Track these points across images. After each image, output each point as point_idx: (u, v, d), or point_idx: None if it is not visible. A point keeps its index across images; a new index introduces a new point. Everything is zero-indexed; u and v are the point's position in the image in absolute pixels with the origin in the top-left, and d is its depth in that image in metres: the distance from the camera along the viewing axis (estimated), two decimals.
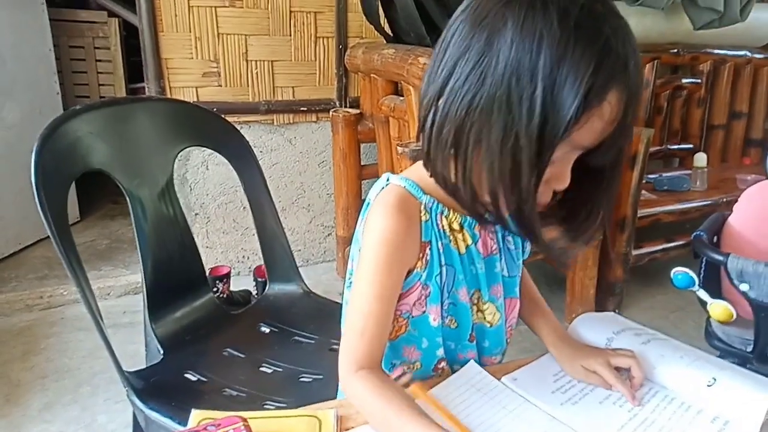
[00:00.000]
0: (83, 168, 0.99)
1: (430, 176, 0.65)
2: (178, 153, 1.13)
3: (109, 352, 0.93)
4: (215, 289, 1.95)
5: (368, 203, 0.71)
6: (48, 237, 2.39)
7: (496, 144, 0.56)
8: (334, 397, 0.76)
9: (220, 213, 2.37)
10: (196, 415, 0.65)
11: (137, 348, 1.67)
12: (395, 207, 0.65)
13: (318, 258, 2.58)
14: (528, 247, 0.78)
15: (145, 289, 1.04)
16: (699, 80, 2.71)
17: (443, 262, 0.69)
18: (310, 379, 1.00)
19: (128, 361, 0.96)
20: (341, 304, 0.81)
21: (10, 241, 2.44)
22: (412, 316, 0.71)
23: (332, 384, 0.93)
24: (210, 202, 2.34)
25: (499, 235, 0.74)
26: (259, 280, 2.05)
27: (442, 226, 0.69)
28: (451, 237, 0.69)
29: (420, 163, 0.67)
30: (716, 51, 2.71)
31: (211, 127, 1.20)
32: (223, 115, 2.16)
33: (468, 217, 0.70)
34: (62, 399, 1.70)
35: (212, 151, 2.23)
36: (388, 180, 0.70)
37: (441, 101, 0.59)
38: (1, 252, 2.42)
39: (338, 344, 1.06)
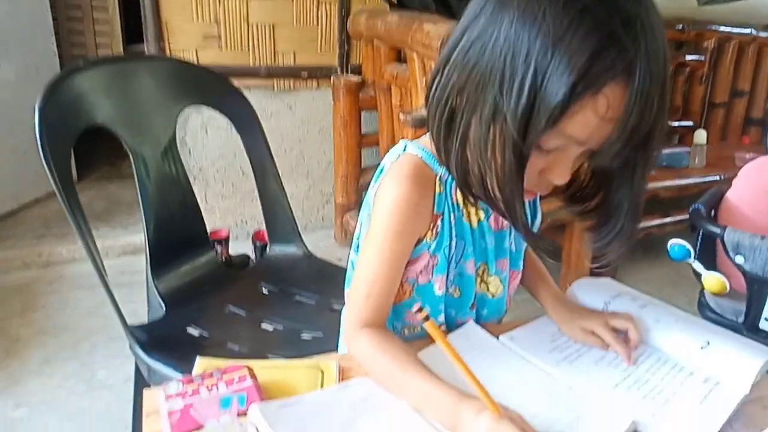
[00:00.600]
0: (87, 123, 0.99)
1: (432, 144, 0.65)
2: (180, 111, 1.12)
3: (113, 306, 0.94)
4: (215, 252, 1.96)
5: (382, 169, 0.71)
6: (45, 197, 2.40)
7: (485, 119, 0.55)
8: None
9: (219, 177, 2.36)
10: (201, 363, 0.67)
11: (136, 307, 1.68)
12: (410, 176, 0.65)
13: (316, 225, 2.58)
14: (537, 222, 0.79)
15: (147, 246, 1.04)
16: (703, 57, 2.69)
17: (454, 235, 0.70)
18: (310, 337, 1.02)
19: (128, 319, 0.97)
20: (344, 268, 0.82)
21: (6, 199, 2.44)
22: (418, 283, 0.72)
23: (332, 342, 0.95)
24: (209, 166, 2.33)
25: None
26: (258, 244, 2.05)
27: (456, 199, 0.69)
28: (464, 210, 0.70)
29: None
30: (721, 28, 2.68)
31: (214, 87, 1.20)
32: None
33: None
34: (61, 354, 1.72)
35: (211, 115, 2.25)
36: (405, 148, 0.69)
37: (446, 67, 0.59)
38: None
39: (339, 305, 1.10)
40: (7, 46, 2.37)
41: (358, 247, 0.77)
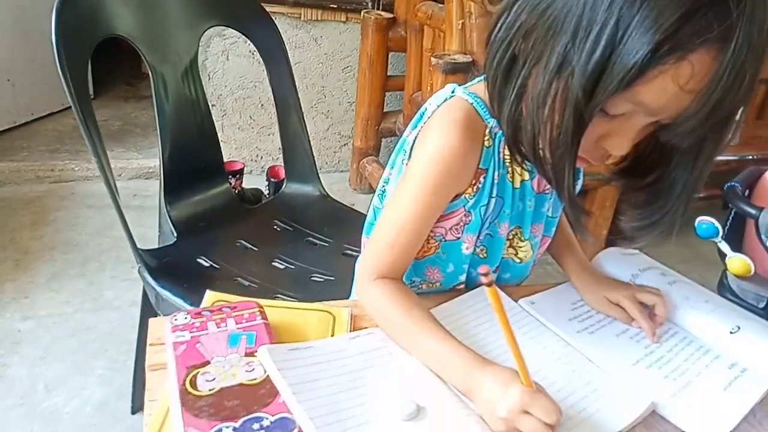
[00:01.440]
0: (106, 32, 0.94)
1: (486, 90, 0.59)
2: (205, 31, 1.06)
3: (123, 227, 0.92)
4: (229, 184, 1.93)
5: (423, 113, 0.66)
6: (60, 111, 2.36)
7: (550, 71, 0.49)
8: (345, 299, 0.75)
9: (237, 108, 2.31)
10: (210, 296, 0.65)
11: (145, 231, 1.68)
12: (460, 125, 0.60)
13: (331, 167, 2.54)
14: (578, 187, 0.73)
15: (162, 170, 1.02)
16: None
17: (494, 194, 0.65)
18: (322, 279, 1.00)
19: (137, 242, 0.95)
20: (361, 213, 0.78)
21: (21, 110, 2.40)
22: (445, 240, 0.68)
23: (343, 287, 0.93)
24: (228, 95, 2.27)
25: None
26: (272, 180, 2.02)
27: (504, 155, 0.64)
28: (510, 168, 0.65)
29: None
30: None
31: (242, 8, 1.13)
32: None
33: None
34: (70, 271, 1.73)
35: (234, 41, 2.17)
36: (453, 92, 0.64)
37: (516, 4, 0.53)
38: (12, 120, 2.39)
39: (352, 250, 1.08)
40: None
41: (383, 193, 0.73)
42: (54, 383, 1.36)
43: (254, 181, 2.16)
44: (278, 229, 1.14)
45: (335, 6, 2.23)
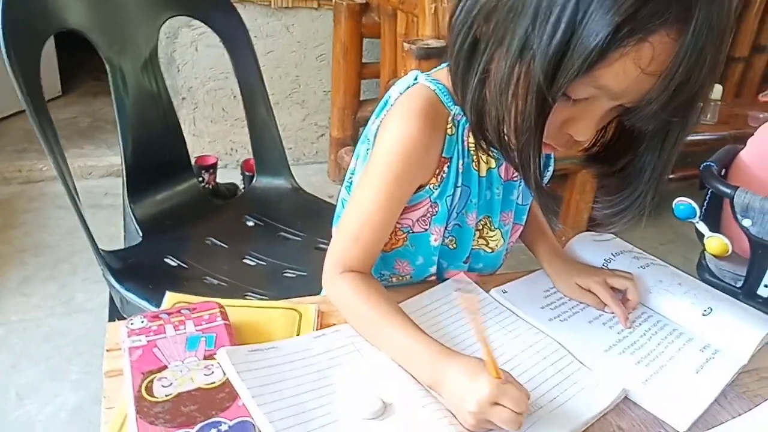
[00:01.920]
0: (58, 26, 0.90)
1: (449, 76, 0.58)
2: (164, 21, 1.03)
3: (84, 229, 0.89)
4: (200, 179, 1.90)
5: (386, 101, 0.64)
6: None
7: (512, 52, 0.48)
8: (318, 294, 0.72)
9: (209, 100, 2.26)
10: (170, 297, 0.62)
11: (117, 231, 1.63)
12: (421, 112, 0.59)
13: (309, 158, 2.51)
14: (548, 175, 0.73)
15: (124, 168, 0.98)
16: None
17: (460, 183, 0.64)
18: (294, 275, 0.98)
19: (108, 243, 0.92)
20: (334, 206, 0.77)
21: None
22: (413, 232, 0.67)
23: (316, 281, 0.92)
24: (198, 87, 2.22)
25: None
26: (247, 174, 1.99)
27: (468, 144, 0.62)
28: (474, 156, 0.64)
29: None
30: None
31: None
32: None
33: None
34: (40, 274, 1.69)
35: (203, 31, 2.11)
36: (416, 79, 0.62)
37: None
38: None
39: (325, 244, 1.05)
40: None
41: (351, 185, 0.71)
42: (27, 390, 1.32)
43: (229, 175, 2.12)
44: (249, 224, 1.12)
45: None
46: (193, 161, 1.95)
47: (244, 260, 1.01)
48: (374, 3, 2.12)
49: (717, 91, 2.29)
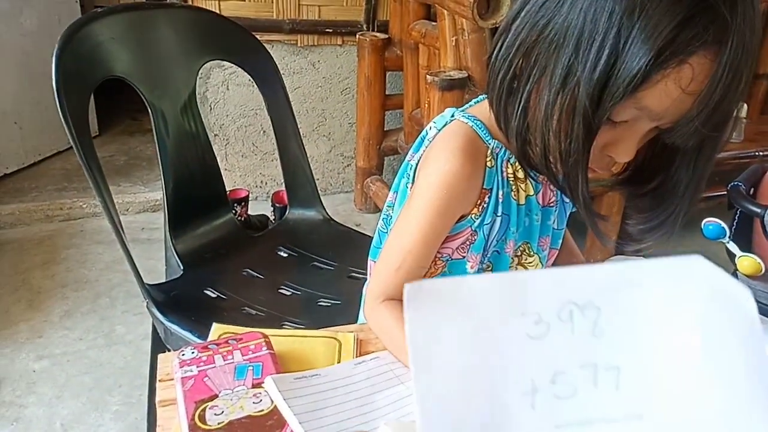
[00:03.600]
0: (105, 74, 0.96)
1: (491, 110, 0.61)
2: (202, 66, 1.09)
3: (129, 264, 0.93)
4: (233, 212, 1.95)
5: (424, 137, 0.67)
6: (67, 149, 2.38)
7: (556, 80, 0.51)
8: (353, 323, 0.75)
9: (240, 135, 2.33)
10: (217, 329, 0.65)
11: (155, 264, 1.69)
12: (462, 149, 0.61)
13: (336, 188, 2.56)
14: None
15: (165, 204, 1.03)
16: None
17: (500, 212, 0.66)
18: (329, 304, 1.00)
19: (145, 276, 0.96)
20: (365, 235, 0.79)
21: (29, 151, 2.44)
22: (451, 259, 0.69)
23: (350, 310, 0.93)
24: (230, 124, 2.30)
25: None
26: (278, 205, 2.04)
27: (507, 174, 0.65)
28: (514, 186, 0.66)
29: (486, 102, 0.63)
30: None
31: (236, 41, 1.15)
32: None
33: None
34: (82, 308, 1.74)
35: (233, 71, 2.20)
36: (453, 116, 0.65)
37: (515, 24, 0.55)
38: (21, 161, 2.43)
39: (357, 272, 1.08)
40: None
41: (388, 217, 0.74)
42: (71, 422, 1.36)
43: (260, 207, 2.18)
44: (283, 255, 1.15)
45: (330, 30, 2.27)
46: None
47: (280, 290, 1.04)
48: (396, 38, 2.18)
49: (742, 108, 2.27)
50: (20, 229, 2.13)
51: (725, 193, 1.26)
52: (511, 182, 0.65)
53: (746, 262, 1.20)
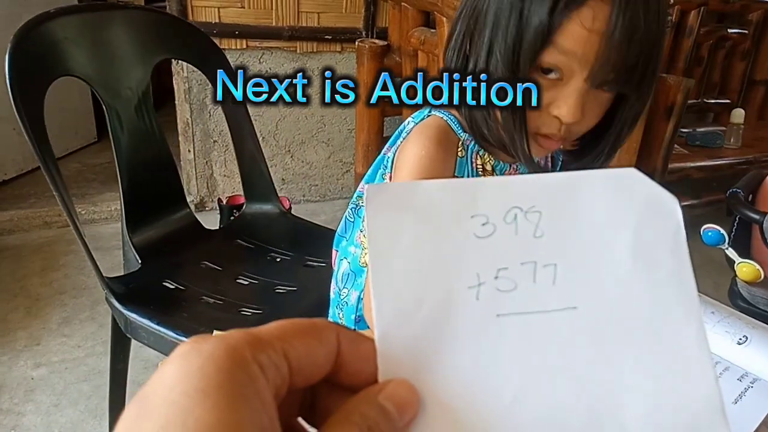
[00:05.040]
0: (60, 73, 0.96)
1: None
2: (156, 64, 1.09)
3: (89, 258, 0.93)
4: (232, 218, 1.93)
5: (402, 129, 0.72)
6: (65, 156, 2.40)
7: (498, 34, 0.58)
8: (308, 308, 0.88)
9: None
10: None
11: None
12: (435, 137, 0.67)
13: (335, 194, 2.54)
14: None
15: (122, 200, 1.03)
16: (746, 31, 2.51)
17: None
18: (285, 291, 1.03)
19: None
20: (321, 226, 0.83)
21: (28, 158, 2.45)
22: None
23: (306, 295, 1.00)
24: (228, 131, 2.31)
25: None
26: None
27: (476, 165, 0.70)
28: (483, 177, 0.69)
29: None
30: None
31: (191, 41, 1.16)
32: (245, 40, 2.14)
33: (500, 161, 0.71)
34: (80, 315, 1.73)
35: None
36: (429, 111, 0.70)
37: (459, 19, 0.65)
38: (19, 168, 2.45)
39: (314, 261, 1.09)
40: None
41: (356, 207, 0.78)
42: (69, 430, 1.34)
43: None
44: (241, 247, 1.16)
45: (330, 37, 2.26)
46: (224, 201, 2.01)
47: (238, 280, 1.05)
48: (395, 44, 2.16)
49: (740, 115, 2.23)
50: (18, 236, 2.15)
51: (723, 198, 1.24)
52: (480, 173, 0.70)
53: (745, 268, 1.15)
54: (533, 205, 0.24)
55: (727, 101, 2.58)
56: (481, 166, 0.70)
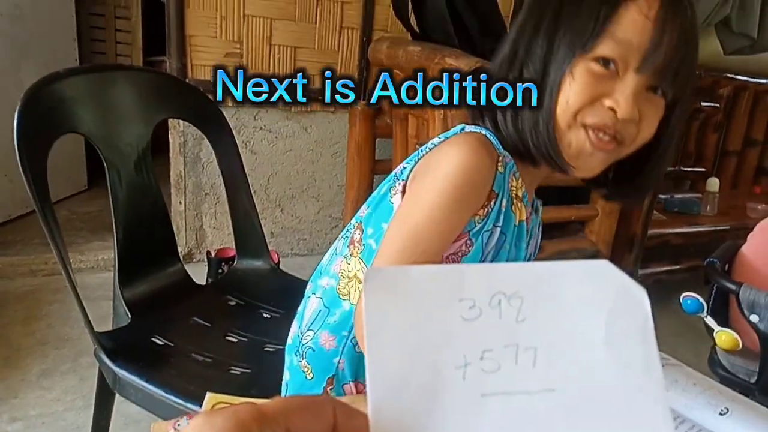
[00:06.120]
0: (66, 130, 0.99)
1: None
2: (157, 123, 1.13)
3: (81, 311, 0.94)
4: (220, 271, 1.93)
5: (424, 148, 0.67)
6: (55, 203, 2.42)
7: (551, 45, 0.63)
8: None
9: None
10: (211, 399, 0.62)
11: None
12: (478, 145, 0.63)
13: (323, 248, 2.53)
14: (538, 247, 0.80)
15: (116, 254, 1.04)
16: (718, 104, 2.67)
17: (500, 223, 0.65)
18: (274, 349, 1.02)
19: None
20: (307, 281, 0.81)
21: (17, 203, 2.44)
22: None
23: None
24: (221, 183, 2.31)
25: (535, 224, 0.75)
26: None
27: (511, 186, 0.66)
28: (514, 201, 0.66)
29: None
30: (738, 77, 2.67)
31: (191, 100, 1.21)
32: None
33: (527, 192, 0.69)
34: (61, 367, 1.68)
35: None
36: (463, 128, 0.67)
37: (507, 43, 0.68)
38: (8, 213, 2.43)
39: None
40: (30, 46, 2.38)
41: (347, 237, 0.74)
42: None
43: None
44: (231, 304, 1.17)
45: (322, 98, 2.33)
46: (213, 254, 2.01)
47: (227, 337, 1.05)
48: (387, 108, 2.24)
49: (715, 184, 2.35)
50: (2, 283, 2.11)
51: (701, 264, 1.27)
52: (512, 196, 0.66)
53: (724, 336, 1.17)
54: (516, 290, 0.26)
55: (703, 170, 2.71)
56: (515, 189, 0.66)
